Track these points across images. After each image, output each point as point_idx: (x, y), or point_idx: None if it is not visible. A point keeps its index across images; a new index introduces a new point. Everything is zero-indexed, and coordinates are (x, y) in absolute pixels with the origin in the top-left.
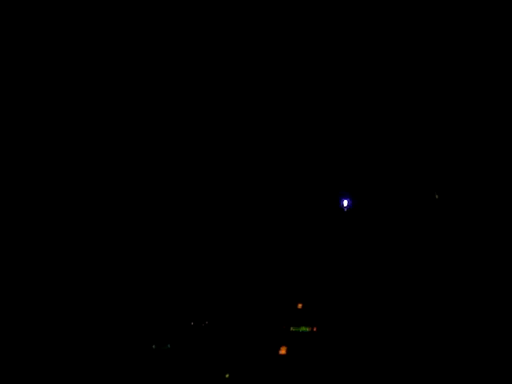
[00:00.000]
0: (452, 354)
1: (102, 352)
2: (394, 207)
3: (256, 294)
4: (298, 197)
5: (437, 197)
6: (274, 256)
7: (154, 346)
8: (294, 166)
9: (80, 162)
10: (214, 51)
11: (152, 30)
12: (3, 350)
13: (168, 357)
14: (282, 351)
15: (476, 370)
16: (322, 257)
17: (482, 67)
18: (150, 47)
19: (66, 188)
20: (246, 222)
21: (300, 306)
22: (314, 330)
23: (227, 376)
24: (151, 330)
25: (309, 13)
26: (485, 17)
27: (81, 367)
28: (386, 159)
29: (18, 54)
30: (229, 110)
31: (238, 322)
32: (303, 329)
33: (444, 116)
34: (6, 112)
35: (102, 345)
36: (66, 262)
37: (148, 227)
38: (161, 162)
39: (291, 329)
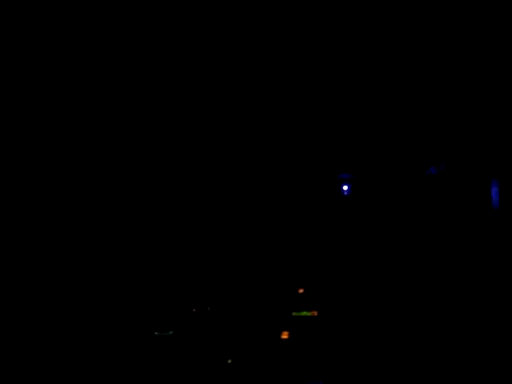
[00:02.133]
0: (450, 344)
1: (104, 339)
2: (394, 194)
3: (257, 280)
4: (299, 184)
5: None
6: (276, 242)
7: (156, 333)
8: (294, 155)
9: (80, 162)
10: (214, 51)
11: (152, 30)
12: (3, 350)
13: (170, 343)
14: (284, 336)
15: (475, 368)
16: (322, 242)
17: (482, 67)
18: (150, 47)
19: (66, 188)
20: (247, 209)
21: (301, 290)
22: (315, 314)
23: (229, 361)
24: (153, 317)
25: (309, 13)
26: (485, 17)
27: (83, 354)
28: (385, 147)
29: (17, 54)
30: (228, 105)
31: (240, 308)
32: (304, 313)
33: (443, 112)
34: (6, 112)
35: (104, 332)
36: (67, 251)
37: (150, 219)
38: (161, 161)
39: (293, 313)
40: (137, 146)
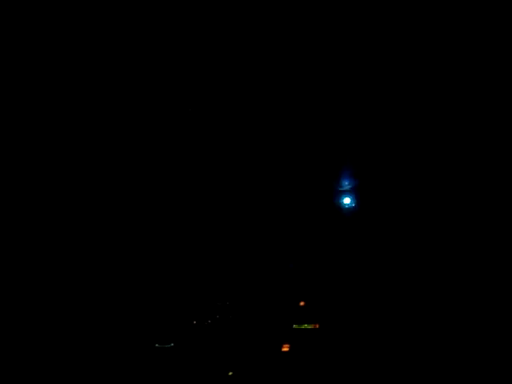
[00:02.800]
0: (451, 352)
1: (104, 350)
2: (394, 205)
3: (258, 293)
4: (301, 196)
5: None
6: (276, 255)
7: (156, 345)
8: (294, 163)
9: (80, 162)
10: (214, 51)
11: (152, 30)
12: (3, 350)
13: (171, 355)
14: (285, 348)
15: (475, 368)
16: (323, 256)
17: (482, 67)
18: (150, 47)
19: (66, 188)
20: (248, 222)
21: (302, 303)
22: (316, 326)
23: (230, 374)
24: (154, 329)
25: (309, 13)
26: (485, 17)
27: (83, 365)
28: (386, 156)
29: (17, 54)
30: (228, 109)
31: (241, 320)
32: (305, 326)
33: (443, 116)
34: (6, 112)
35: (104, 343)
36: (69, 262)
37: (150, 228)
38: (160, 162)
39: (294, 326)
40: (136, 147)
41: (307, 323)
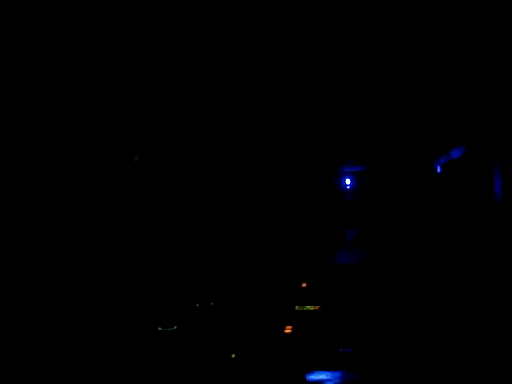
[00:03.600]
0: (448, 339)
1: (108, 335)
2: (395, 199)
3: (260, 275)
4: (302, 177)
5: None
6: (278, 237)
7: (159, 328)
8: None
9: (79, 162)
10: (214, 51)
11: (151, 30)
12: (3, 350)
13: (174, 338)
14: (287, 330)
15: (476, 369)
16: (325, 238)
17: (482, 67)
18: (150, 47)
19: (66, 188)
20: (250, 204)
21: (304, 285)
22: (317, 308)
23: (233, 356)
24: (156, 312)
25: (309, 13)
26: (485, 17)
27: (85, 349)
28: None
29: (18, 54)
30: (227, 109)
31: (243, 303)
32: (308, 308)
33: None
34: (6, 112)
35: (108, 328)
36: (69, 248)
37: (152, 214)
38: (160, 162)
39: (296, 308)
40: (136, 147)
41: (309, 305)
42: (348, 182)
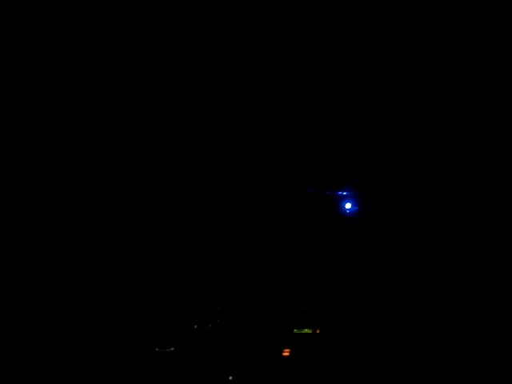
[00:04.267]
0: (449, 358)
1: (105, 354)
2: (394, 210)
3: (259, 297)
4: (301, 200)
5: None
6: (277, 259)
7: (157, 349)
8: (293, 166)
9: (79, 162)
10: (214, 52)
11: (151, 30)
12: (3, 350)
13: (171, 359)
14: (285, 353)
15: (475, 369)
16: (324, 261)
17: (482, 67)
18: (150, 48)
19: (66, 188)
20: (249, 226)
21: (303, 308)
22: (317, 331)
23: (230, 378)
24: (154, 333)
25: (309, 13)
26: (485, 17)
27: (84, 370)
28: (387, 159)
29: (18, 54)
30: (227, 110)
31: (242, 325)
32: (306, 331)
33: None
34: (6, 112)
35: (105, 347)
36: (69, 267)
37: (151, 233)
38: (160, 162)
39: (294, 331)
40: (135, 147)
41: (308, 328)
42: (348, 206)
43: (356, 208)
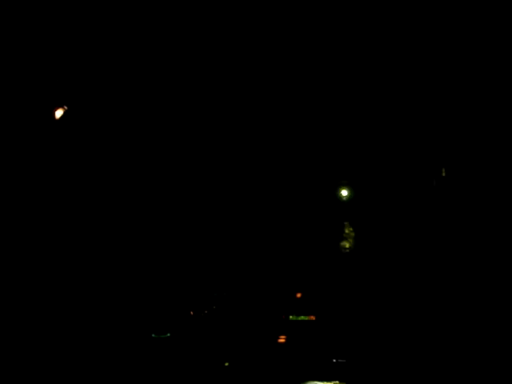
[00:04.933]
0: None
1: (101, 340)
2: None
3: (256, 284)
4: (297, 192)
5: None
6: (274, 246)
7: (153, 335)
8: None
9: (79, 162)
10: (214, 52)
11: (151, 30)
12: (3, 350)
13: (167, 345)
14: (281, 339)
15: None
16: (321, 248)
17: (482, 67)
18: (149, 48)
19: (66, 188)
20: (245, 212)
21: (299, 295)
22: (312, 318)
23: (227, 364)
24: (151, 319)
25: (309, 13)
26: (485, 17)
27: (79, 355)
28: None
29: (18, 54)
30: (227, 109)
31: (238, 311)
32: (302, 318)
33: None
34: (6, 112)
35: (101, 333)
36: (65, 251)
37: (148, 219)
38: (160, 162)
39: (290, 318)
40: (135, 147)
41: (304, 315)
42: (345, 193)
43: (353, 195)
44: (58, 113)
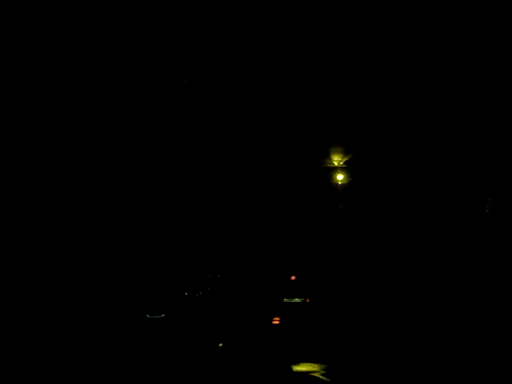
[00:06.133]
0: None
1: (97, 320)
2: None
3: (251, 267)
4: (294, 173)
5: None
6: (270, 230)
7: (147, 315)
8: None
9: (79, 162)
10: (214, 52)
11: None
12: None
13: (162, 326)
14: (275, 321)
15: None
16: (315, 233)
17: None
18: (150, 47)
19: (66, 188)
20: (242, 197)
21: (293, 278)
22: (307, 300)
23: (220, 345)
24: (145, 300)
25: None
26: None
27: (76, 336)
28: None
29: (18, 54)
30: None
31: (232, 293)
32: (296, 300)
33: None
34: (6, 112)
35: (97, 313)
36: (64, 238)
37: (143, 208)
38: (159, 163)
39: (284, 300)
40: (134, 147)
41: (298, 297)
42: (340, 177)
43: (349, 180)
44: None
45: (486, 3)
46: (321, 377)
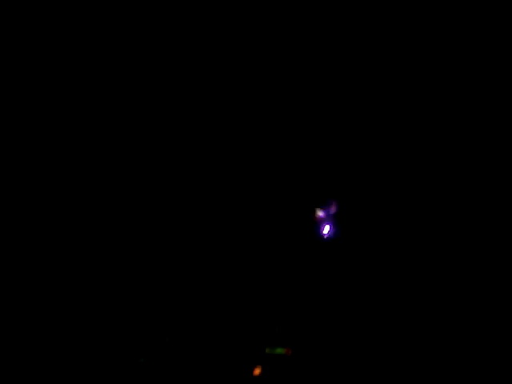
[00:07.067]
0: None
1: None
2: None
3: (231, 315)
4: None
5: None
6: (250, 269)
7: (126, 360)
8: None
9: (79, 162)
10: (214, 52)
11: (152, 30)
12: (3, 350)
13: (140, 372)
14: (257, 372)
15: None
16: (300, 273)
17: (482, 67)
18: (150, 47)
19: (66, 188)
20: (224, 243)
21: (276, 329)
22: (289, 352)
23: None
24: (125, 344)
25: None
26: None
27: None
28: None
29: (18, 54)
30: (227, 111)
31: (212, 341)
32: (279, 351)
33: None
34: (6, 112)
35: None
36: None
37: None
38: (159, 163)
39: (266, 350)
40: (134, 148)
41: (280, 347)
42: (327, 229)
43: (335, 232)
44: None
45: (486, 3)
46: None
